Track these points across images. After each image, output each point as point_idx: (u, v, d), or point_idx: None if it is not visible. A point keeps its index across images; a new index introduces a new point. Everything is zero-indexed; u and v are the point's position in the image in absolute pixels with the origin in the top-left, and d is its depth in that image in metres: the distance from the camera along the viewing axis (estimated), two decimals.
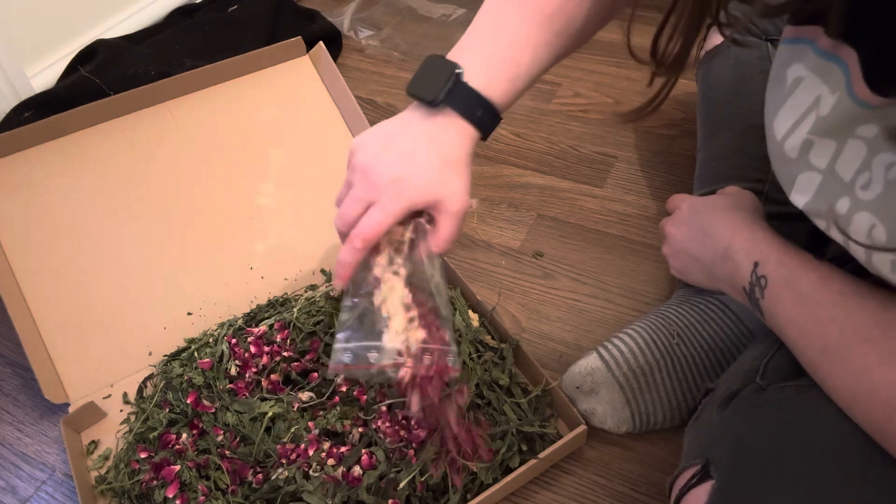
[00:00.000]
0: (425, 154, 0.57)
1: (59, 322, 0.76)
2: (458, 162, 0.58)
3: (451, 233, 0.58)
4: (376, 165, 0.57)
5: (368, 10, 1.32)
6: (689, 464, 0.52)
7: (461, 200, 0.57)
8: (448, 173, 0.57)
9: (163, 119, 0.85)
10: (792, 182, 0.50)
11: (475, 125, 0.58)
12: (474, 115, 0.58)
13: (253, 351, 0.72)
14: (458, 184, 0.57)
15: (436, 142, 0.58)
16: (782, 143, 0.49)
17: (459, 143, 0.58)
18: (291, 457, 0.65)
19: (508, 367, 0.71)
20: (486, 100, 0.58)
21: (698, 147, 0.85)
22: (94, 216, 0.80)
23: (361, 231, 0.56)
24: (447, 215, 0.57)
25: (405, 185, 0.56)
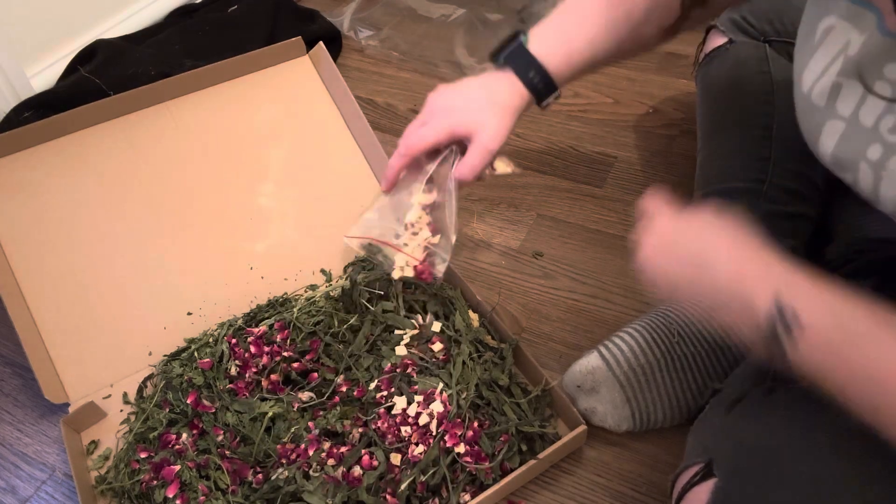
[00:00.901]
0: (476, 93, 0.67)
1: (59, 322, 0.76)
2: (503, 107, 0.66)
3: (473, 163, 0.65)
4: (438, 98, 0.68)
5: (368, 10, 1.32)
6: (691, 462, 0.52)
7: (493, 137, 0.65)
8: (489, 111, 0.65)
9: (162, 119, 0.85)
10: (819, 131, 0.50)
11: (527, 85, 0.66)
12: (527, 75, 0.66)
13: (253, 351, 0.72)
14: (495, 122, 0.65)
15: (488, 87, 0.67)
16: (810, 93, 0.50)
17: (508, 94, 0.66)
18: (291, 457, 0.65)
19: (508, 367, 0.71)
20: (540, 64, 0.66)
21: (698, 147, 0.85)
22: (94, 216, 0.80)
23: (407, 142, 0.67)
24: (475, 146, 0.65)
25: (452, 111, 0.66)
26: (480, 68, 1.14)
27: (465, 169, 0.65)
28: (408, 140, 0.67)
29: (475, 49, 1.18)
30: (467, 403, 0.66)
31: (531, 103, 0.68)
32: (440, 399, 0.66)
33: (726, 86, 0.82)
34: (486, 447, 0.64)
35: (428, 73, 1.19)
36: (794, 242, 0.74)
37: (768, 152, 0.76)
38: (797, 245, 0.75)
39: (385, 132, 1.10)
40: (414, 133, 0.67)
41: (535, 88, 0.66)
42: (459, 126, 0.65)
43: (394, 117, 1.13)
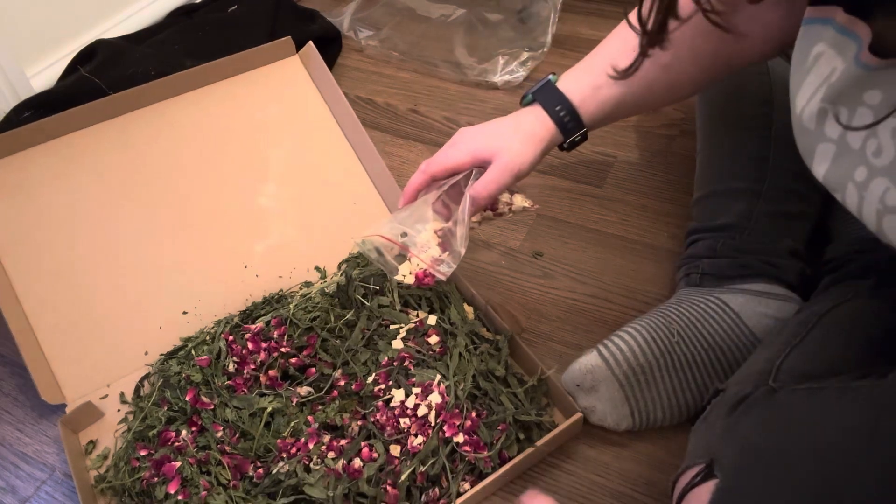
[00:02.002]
0: (504, 124, 0.68)
1: (55, 323, 0.76)
2: (528, 136, 0.66)
3: (490, 181, 0.65)
4: (464, 130, 0.70)
5: (368, 10, 1.32)
6: (692, 463, 0.52)
7: (514, 159, 0.65)
8: (515, 136, 0.66)
9: (155, 119, 0.85)
10: (812, 153, 0.51)
11: (553, 119, 0.67)
12: (554, 110, 0.67)
13: (250, 347, 0.72)
14: (519, 146, 0.66)
15: (515, 120, 0.68)
16: (801, 115, 0.51)
17: (535, 125, 0.67)
18: (292, 451, 0.66)
19: (504, 357, 0.72)
20: (567, 99, 0.67)
21: (698, 148, 0.85)
22: (90, 216, 0.80)
23: (431, 160, 0.68)
24: (496, 165, 0.65)
25: (476, 136, 0.68)
26: (480, 68, 1.14)
27: (480, 186, 0.65)
28: (432, 160, 0.68)
29: (475, 49, 1.18)
30: (465, 394, 0.66)
31: (557, 139, 0.68)
32: (438, 390, 0.66)
33: (726, 86, 0.82)
34: (485, 436, 0.65)
35: (428, 73, 1.19)
36: (793, 243, 0.74)
37: (767, 152, 0.76)
38: (797, 245, 0.75)
39: (385, 132, 1.10)
40: (438, 155, 0.68)
41: (562, 123, 0.67)
42: (481, 150, 0.66)
43: (393, 117, 1.13)
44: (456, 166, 0.67)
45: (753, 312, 0.70)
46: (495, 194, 0.66)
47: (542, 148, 0.67)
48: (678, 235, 0.89)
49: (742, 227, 0.74)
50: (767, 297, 0.71)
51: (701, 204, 0.80)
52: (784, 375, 0.55)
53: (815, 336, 0.60)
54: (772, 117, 0.77)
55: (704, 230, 0.77)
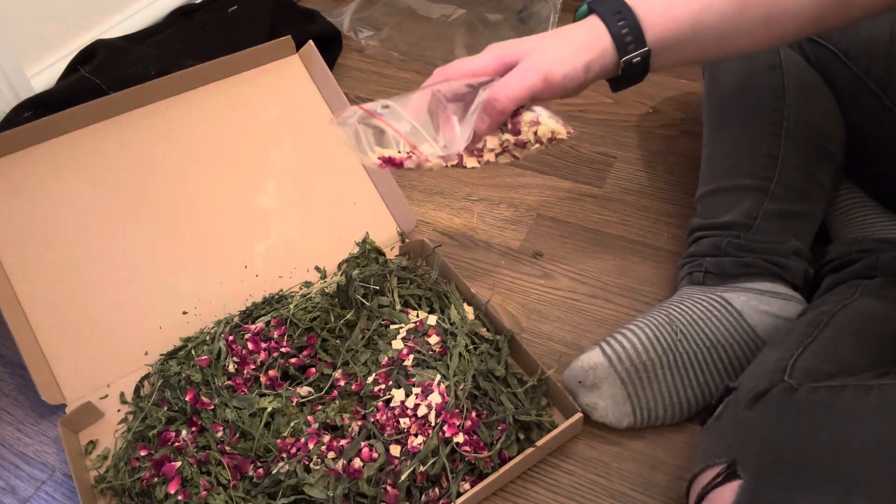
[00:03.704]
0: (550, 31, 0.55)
1: (55, 323, 0.76)
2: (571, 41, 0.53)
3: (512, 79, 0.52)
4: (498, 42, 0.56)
5: (368, 11, 1.32)
6: (711, 463, 0.52)
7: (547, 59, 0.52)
8: (553, 41, 0.53)
9: (154, 119, 0.85)
10: None
11: (611, 31, 0.53)
12: (614, 20, 0.53)
13: (250, 347, 0.72)
14: (558, 49, 0.52)
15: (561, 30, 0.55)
16: None
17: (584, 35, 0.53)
18: (292, 451, 0.65)
19: (504, 357, 0.72)
20: (631, 9, 0.53)
21: (704, 143, 0.83)
22: (89, 216, 0.80)
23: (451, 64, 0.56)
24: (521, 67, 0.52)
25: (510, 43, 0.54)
26: None
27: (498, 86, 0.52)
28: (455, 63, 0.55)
29: (475, 49, 1.17)
30: (465, 394, 0.66)
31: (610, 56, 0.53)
32: (438, 390, 0.66)
33: (735, 80, 0.80)
34: (485, 436, 0.65)
35: (428, 74, 1.18)
36: (798, 243, 0.74)
37: (777, 150, 0.75)
38: (802, 245, 0.74)
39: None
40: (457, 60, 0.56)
41: (620, 34, 0.52)
42: (511, 53, 0.53)
43: None
44: (477, 70, 0.54)
45: (756, 311, 0.69)
46: (517, 98, 0.52)
47: (588, 59, 0.53)
48: (678, 236, 0.89)
49: (748, 225, 0.73)
50: (770, 297, 0.70)
51: (706, 200, 0.79)
52: (799, 374, 0.54)
53: (827, 335, 0.60)
54: (784, 114, 0.76)
55: (709, 227, 0.76)
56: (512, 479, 0.68)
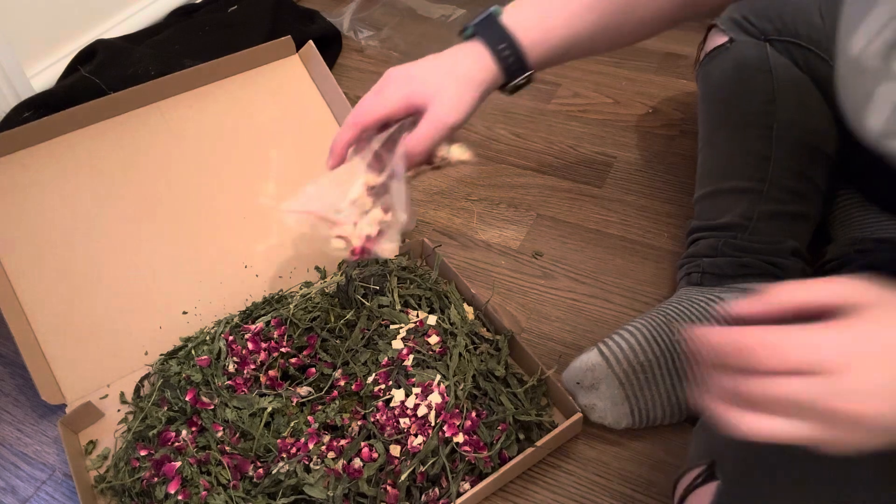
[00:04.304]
0: (438, 64, 0.60)
1: (55, 323, 0.76)
2: (465, 81, 0.59)
3: (423, 137, 0.58)
4: (396, 69, 0.61)
5: (368, 11, 1.32)
6: (694, 464, 0.52)
7: (447, 111, 0.58)
8: (450, 83, 0.58)
9: (154, 119, 0.85)
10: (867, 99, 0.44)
11: (496, 58, 0.59)
12: (496, 47, 0.59)
13: (250, 347, 0.72)
14: (454, 96, 0.58)
15: (453, 59, 0.60)
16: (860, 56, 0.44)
17: (474, 68, 0.59)
18: (292, 451, 0.65)
19: (504, 357, 0.72)
20: (512, 38, 0.59)
21: (699, 147, 0.85)
22: (90, 216, 0.80)
23: (357, 111, 0.60)
24: (428, 119, 0.58)
25: (409, 80, 0.59)
26: None
27: (414, 141, 0.58)
28: (358, 110, 0.60)
29: None
30: (465, 394, 0.66)
31: (498, 81, 0.61)
32: (438, 390, 0.66)
33: (727, 85, 0.82)
34: (485, 436, 0.65)
35: None
36: (795, 243, 0.74)
37: (769, 151, 0.76)
38: (798, 245, 0.74)
39: None
40: (366, 103, 0.60)
41: (506, 63, 0.59)
42: (415, 95, 0.58)
43: None
44: (387, 115, 0.60)
45: None
46: (430, 150, 0.59)
47: (481, 93, 0.60)
48: (678, 236, 0.89)
49: (744, 226, 0.74)
50: None
51: (703, 202, 0.80)
52: None
53: None
54: (775, 116, 0.77)
55: (706, 229, 0.77)
56: (512, 479, 0.68)
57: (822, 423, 0.37)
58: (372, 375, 0.69)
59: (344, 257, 0.64)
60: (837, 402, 0.36)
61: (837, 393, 0.36)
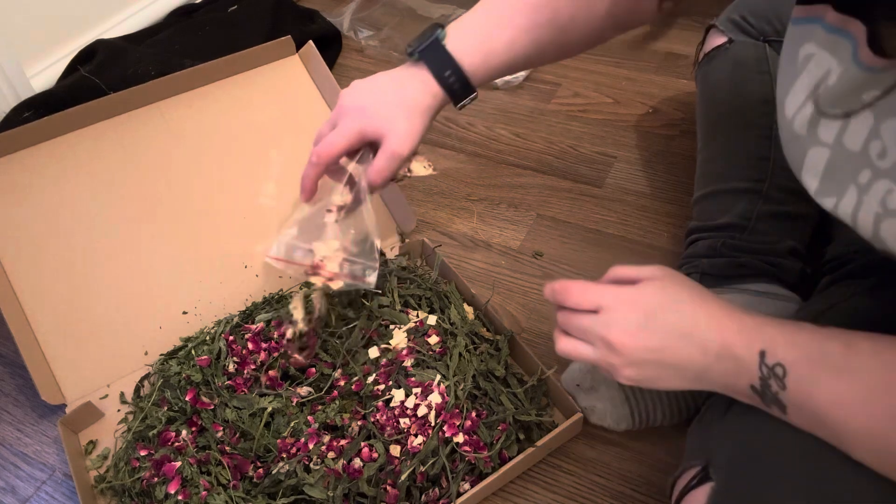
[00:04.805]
0: (387, 93, 0.64)
1: (55, 323, 0.76)
2: (414, 110, 0.63)
3: (381, 168, 0.63)
4: (350, 94, 0.65)
5: (368, 11, 1.32)
6: (689, 465, 0.52)
7: (401, 143, 0.63)
8: (399, 115, 0.63)
9: (154, 119, 0.85)
10: (802, 160, 0.49)
11: (442, 85, 0.64)
12: (442, 74, 0.64)
13: (251, 347, 0.72)
14: (404, 127, 0.63)
15: (401, 87, 0.64)
16: (792, 121, 0.49)
17: (421, 95, 0.64)
18: (292, 451, 0.65)
19: (504, 357, 0.72)
20: (457, 64, 0.63)
21: (698, 148, 0.85)
22: (90, 216, 0.80)
23: (319, 148, 0.64)
24: (384, 152, 0.63)
25: (361, 113, 0.64)
26: None
27: (373, 174, 0.64)
28: (319, 147, 0.65)
29: None
30: (465, 394, 0.66)
31: (446, 103, 0.66)
32: (438, 390, 0.66)
33: (726, 85, 0.82)
34: (485, 436, 0.65)
35: None
36: (794, 243, 0.74)
37: (768, 152, 0.76)
38: (797, 245, 0.74)
39: None
40: (325, 138, 0.65)
41: (451, 89, 0.64)
42: (368, 128, 0.63)
43: None
44: (345, 149, 0.65)
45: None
46: (388, 178, 0.64)
47: (430, 116, 0.65)
48: (678, 236, 0.89)
49: (743, 226, 0.74)
50: (767, 297, 0.71)
51: (701, 203, 0.80)
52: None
53: None
54: (773, 116, 0.77)
55: (705, 230, 0.77)
56: (512, 479, 0.68)
57: (598, 347, 0.53)
58: (372, 375, 0.69)
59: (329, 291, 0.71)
60: (604, 330, 0.53)
61: (604, 324, 0.53)
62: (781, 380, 0.46)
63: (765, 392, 0.47)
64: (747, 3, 0.84)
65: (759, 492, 0.46)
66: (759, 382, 0.48)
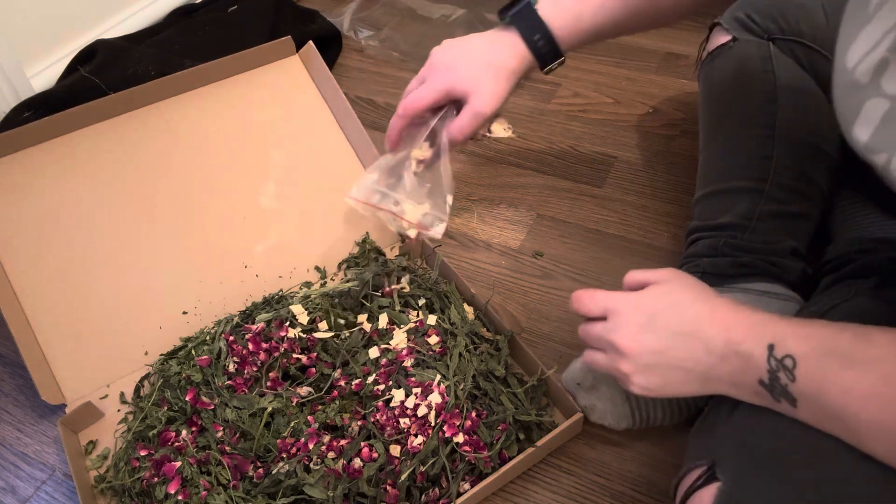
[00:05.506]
0: (476, 53, 0.67)
1: (55, 323, 0.76)
2: (501, 69, 0.66)
3: (464, 125, 0.66)
4: (440, 53, 0.69)
5: (368, 11, 1.32)
6: (694, 465, 0.52)
7: (486, 102, 0.65)
8: (486, 74, 0.66)
9: (154, 119, 0.85)
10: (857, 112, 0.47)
11: (530, 47, 0.66)
12: (532, 37, 0.66)
13: (251, 347, 0.72)
14: (491, 86, 0.65)
15: (491, 48, 0.67)
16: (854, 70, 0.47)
17: (509, 56, 0.66)
18: (292, 451, 0.65)
19: (504, 357, 0.72)
20: (546, 27, 0.65)
21: (700, 147, 0.84)
22: (90, 216, 0.80)
23: (406, 101, 0.68)
24: (468, 109, 0.66)
25: (451, 71, 0.67)
26: None
27: (455, 130, 0.66)
28: (406, 100, 0.68)
29: None
30: (465, 394, 0.66)
31: (534, 67, 0.68)
32: (438, 390, 0.66)
33: (729, 84, 0.82)
34: (485, 436, 0.65)
35: None
36: (795, 243, 0.74)
37: (771, 151, 0.76)
38: (799, 245, 0.74)
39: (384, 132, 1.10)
40: (412, 92, 0.68)
41: (540, 53, 0.66)
42: (456, 86, 0.66)
43: None
44: (432, 104, 0.68)
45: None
46: (470, 136, 0.67)
47: (516, 78, 0.68)
48: (678, 236, 0.89)
49: (744, 226, 0.74)
50: (768, 297, 0.70)
51: (703, 202, 0.80)
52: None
53: None
54: (776, 116, 0.77)
55: (706, 229, 0.77)
56: (512, 479, 0.68)
57: (609, 353, 0.56)
58: (372, 375, 0.69)
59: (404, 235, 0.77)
60: (610, 335, 0.55)
61: (611, 329, 0.55)
62: (791, 371, 0.46)
63: (774, 386, 0.47)
64: (752, 1, 0.84)
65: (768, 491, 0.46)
66: (768, 376, 0.48)
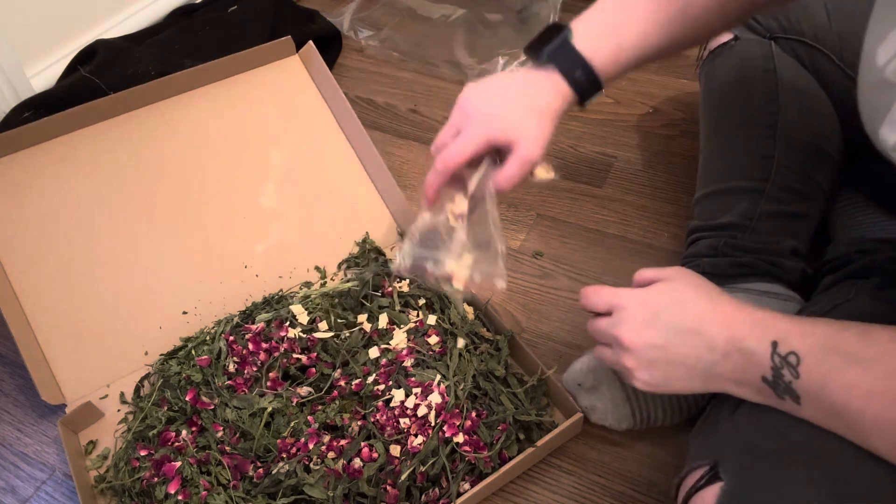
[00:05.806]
0: (515, 97, 0.62)
1: (55, 323, 0.76)
2: (543, 113, 0.61)
3: (512, 175, 0.61)
4: (473, 99, 0.63)
5: (368, 10, 1.32)
6: (696, 465, 0.52)
7: (532, 149, 0.61)
8: (530, 118, 0.61)
9: (154, 119, 0.85)
10: (886, 111, 0.46)
11: (571, 85, 0.62)
12: (572, 75, 0.61)
13: (251, 347, 0.72)
14: (535, 130, 0.61)
15: (529, 89, 0.62)
16: (884, 68, 0.46)
17: (551, 97, 0.62)
18: (292, 451, 0.65)
19: (504, 357, 0.72)
20: (587, 62, 0.61)
21: (701, 146, 0.84)
22: (90, 216, 0.80)
23: (444, 156, 0.62)
24: (515, 157, 0.61)
25: (490, 119, 0.61)
26: (481, 68, 1.14)
27: (502, 181, 0.61)
28: (444, 155, 0.62)
29: (475, 49, 1.18)
30: (465, 394, 0.66)
31: (573, 104, 0.64)
32: (438, 390, 0.66)
33: (730, 83, 0.81)
34: (485, 436, 0.65)
35: (428, 73, 1.19)
36: (795, 243, 0.74)
37: (772, 151, 0.75)
38: (799, 246, 0.74)
39: (385, 132, 1.10)
40: (450, 145, 0.62)
41: (581, 88, 0.62)
42: (498, 135, 0.61)
43: (394, 117, 1.13)
44: (472, 157, 0.62)
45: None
46: (516, 183, 0.62)
47: (559, 118, 0.63)
48: (678, 236, 0.89)
49: (744, 226, 0.74)
50: (768, 297, 0.70)
51: (703, 202, 0.80)
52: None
53: None
54: (778, 116, 0.76)
55: (706, 229, 0.76)
56: (512, 479, 0.68)
57: (614, 347, 0.56)
58: (372, 375, 0.69)
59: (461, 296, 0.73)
60: (614, 329, 0.55)
61: (615, 324, 0.56)
62: (795, 368, 0.47)
63: (777, 382, 0.48)
64: None
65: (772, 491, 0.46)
66: (772, 373, 0.48)
